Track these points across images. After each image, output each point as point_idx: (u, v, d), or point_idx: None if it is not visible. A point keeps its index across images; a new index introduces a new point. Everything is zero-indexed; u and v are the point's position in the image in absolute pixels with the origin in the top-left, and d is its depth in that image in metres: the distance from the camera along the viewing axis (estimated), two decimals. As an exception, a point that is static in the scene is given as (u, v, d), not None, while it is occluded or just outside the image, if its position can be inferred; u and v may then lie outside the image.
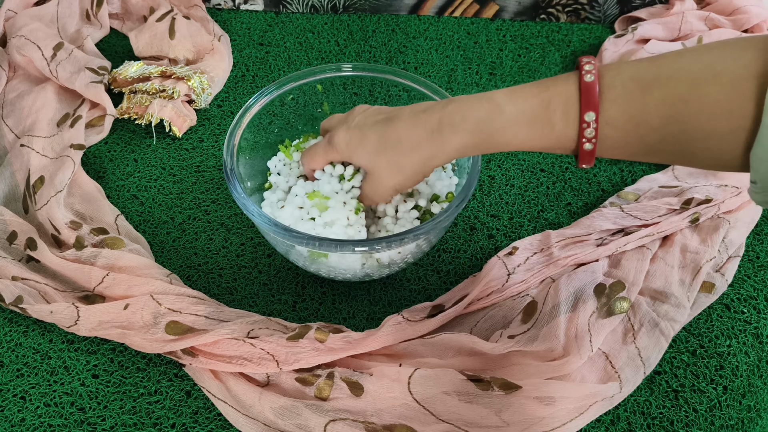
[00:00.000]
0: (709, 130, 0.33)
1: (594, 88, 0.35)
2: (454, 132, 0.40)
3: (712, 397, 0.46)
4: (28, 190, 0.57)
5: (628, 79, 0.35)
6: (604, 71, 0.36)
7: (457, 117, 0.40)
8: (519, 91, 0.39)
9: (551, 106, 0.37)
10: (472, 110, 0.39)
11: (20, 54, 0.68)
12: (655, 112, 0.34)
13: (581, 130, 0.36)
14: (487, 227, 0.58)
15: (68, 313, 0.48)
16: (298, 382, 0.45)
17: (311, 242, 0.43)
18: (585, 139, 0.36)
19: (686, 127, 0.34)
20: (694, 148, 0.34)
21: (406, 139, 0.42)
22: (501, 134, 0.39)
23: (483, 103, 0.39)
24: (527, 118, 0.38)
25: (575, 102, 0.36)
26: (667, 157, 0.37)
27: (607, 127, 0.36)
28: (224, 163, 0.48)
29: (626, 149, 0.37)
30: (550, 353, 0.45)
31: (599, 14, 0.79)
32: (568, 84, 0.37)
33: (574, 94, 0.36)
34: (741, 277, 0.53)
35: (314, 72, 0.54)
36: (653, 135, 0.35)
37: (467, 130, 0.39)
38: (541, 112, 0.37)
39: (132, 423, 0.45)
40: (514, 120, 0.38)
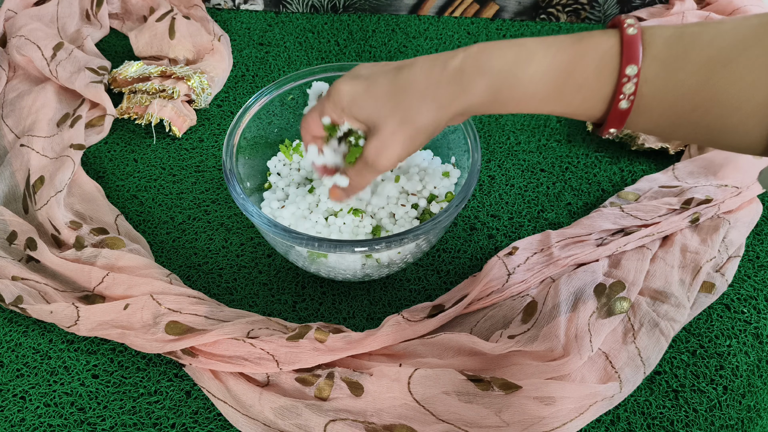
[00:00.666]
0: (744, 99, 0.32)
1: (637, 40, 0.33)
2: (478, 74, 0.36)
3: (712, 397, 0.46)
4: (28, 190, 0.57)
5: (670, 37, 0.33)
6: (645, 28, 0.34)
7: (483, 57, 0.36)
8: (552, 39, 0.35)
9: (587, 58, 0.34)
10: (499, 52, 0.36)
11: (20, 54, 0.68)
12: (696, 73, 0.32)
13: (620, 86, 0.33)
14: (487, 227, 0.58)
15: (68, 313, 0.48)
16: (298, 382, 0.45)
17: (310, 243, 0.43)
18: (623, 95, 0.34)
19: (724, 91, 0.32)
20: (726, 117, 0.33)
21: (421, 81, 0.37)
22: (528, 83, 0.35)
23: (512, 47, 0.36)
24: (560, 68, 0.35)
25: (615, 55, 0.34)
26: (693, 130, 0.35)
27: (646, 84, 0.33)
28: (224, 164, 0.48)
29: (657, 116, 0.35)
30: (550, 353, 0.45)
31: (599, 14, 0.79)
32: (607, 36, 0.34)
33: (614, 47, 0.34)
34: (741, 277, 0.53)
35: (314, 72, 0.54)
36: (690, 99, 0.33)
37: (493, 73, 0.35)
38: (576, 63, 0.34)
39: (132, 423, 0.45)
40: (545, 67, 0.35)
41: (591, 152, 0.64)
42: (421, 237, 0.44)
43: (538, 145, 0.65)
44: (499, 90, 0.36)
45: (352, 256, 0.46)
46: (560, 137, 0.66)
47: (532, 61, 0.35)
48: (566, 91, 0.35)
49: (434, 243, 0.51)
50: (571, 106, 0.36)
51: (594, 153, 0.64)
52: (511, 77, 0.35)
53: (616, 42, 0.34)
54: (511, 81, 0.35)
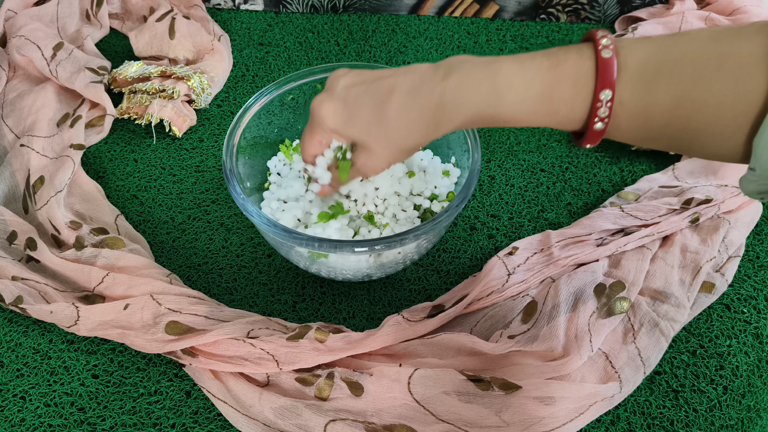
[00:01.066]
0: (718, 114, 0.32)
1: (612, 65, 0.33)
2: (458, 107, 0.37)
3: (712, 397, 0.46)
4: (28, 190, 0.57)
5: (645, 56, 0.34)
6: (619, 47, 0.34)
7: (461, 95, 0.37)
8: (528, 62, 0.36)
9: (564, 82, 0.35)
10: (476, 86, 0.37)
11: (20, 54, 0.67)
12: (669, 92, 0.33)
13: (594, 109, 0.34)
14: (487, 227, 0.58)
15: (68, 313, 0.48)
16: (298, 382, 0.45)
17: (311, 243, 0.43)
18: (597, 118, 0.35)
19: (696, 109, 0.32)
20: (699, 133, 0.33)
21: (404, 117, 0.39)
22: (507, 111, 0.36)
23: (488, 76, 0.36)
24: (536, 95, 0.35)
25: (590, 78, 0.34)
26: (669, 143, 0.36)
27: (619, 106, 0.34)
28: (224, 164, 0.48)
29: (631, 132, 0.36)
30: (550, 353, 0.45)
31: (599, 14, 0.79)
32: (582, 58, 0.35)
33: (589, 71, 0.34)
34: (741, 277, 0.53)
35: (314, 72, 0.54)
36: (664, 115, 0.34)
37: (471, 107, 0.37)
38: (553, 87, 0.35)
39: (132, 423, 0.45)
40: (522, 97, 0.36)
41: (591, 152, 0.64)
42: (422, 237, 0.44)
43: (538, 145, 0.65)
44: (480, 118, 0.38)
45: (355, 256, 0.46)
46: (560, 137, 0.66)
47: (509, 91, 0.36)
48: (543, 113, 0.36)
49: (434, 243, 0.51)
50: (550, 124, 0.37)
51: (594, 153, 0.64)
52: (490, 108, 0.37)
53: (591, 65, 0.34)
54: (491, 112, 0.37)
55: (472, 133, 0.49)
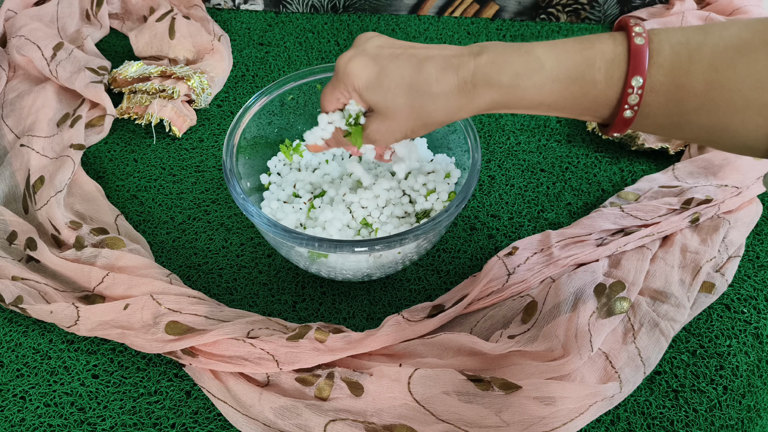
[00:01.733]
0: (750, 100, 0.32)
1: (644, 51, 0.33)
2: (488, 86, 0.37)
3: (712, 397, 0.46)
4: (28, 190, 0.57)
5: (677, 43, 0.33)
6: (652, 35, 0.34)
7: (493, 70, 0.36)
8: (560, 45, 0.36)
9: (596, 64, 0.34)
10: (508, 63, 0.36)
11: (20, 54, 0.68)
12: (701, 77, 0.32)
13: (625, 96, 0.34)
14: (487, 227, 0.58)
15: (68, 313, 0.48)
16: (298, 382, 0.45)
17: (311, 243, 0.43)
18: (627, 105, 0.34)
19: (729, 94, 0.32)
20: (729, 119, 0.33)
21: (436, 85, 0.38)
22: (537, 91, 0.36)
23: (521, 55, 0.36)
24: (568, 76, 0.35)
25: (621, 63, 0.34)
26: (695, 131, 0.35)
27: (651, 93, 0.34)
28: (224, 163, 0.48)
29: (661, 119, 0.35)
30: (550, 353, 0.45)
31: (599, 14, 0.79)
32: (615, 43, 0.34)
33: (621, 55, 0.34)
34: (741, 277, 0.53)
35: (314, 72, 0.54)
36: (693, 101, 0.33)
37: (502, 84, 0.36)
38: (584, 70, 0.35)
39: (132, 423, 0.45)
40: (553, 76, 0.35)
41: (591, 152, 0.64)
42: (422, 237, 0.44)
43: (538, 145, 0.65)
44: (508, 100, 0.37)
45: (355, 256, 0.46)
46: (560, 137, 0.66)
47: (540, 71, 0.36)
48: (572, 97, 0.36)
49: (434, 243, 0.51)
50: (576, 110, 0.37)
51: (594, 153, 0.64)
52: (520, 89, 0.36)
53: (623, 50, 0.34)
54: (519, 93, 0.36)
55: (472, 134, 0.49)
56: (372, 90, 0.40)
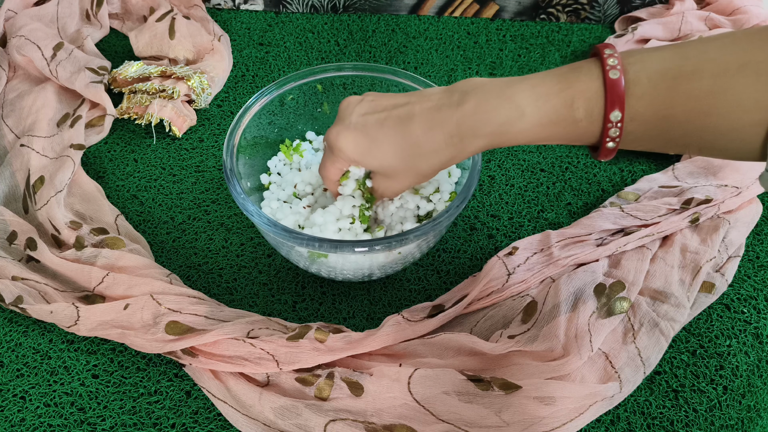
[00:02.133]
0: (735, 122, 0.32)
1: (620, 85, 0.34)
2: (474, 137, 0.39)
3: (712, 397, 0.46)
4: (28, 190, 0.57)
5: (654, 73, 0.34)
6: (628, 65, 0.34)
7: (478, 122, 0.38)
8: (539, 86, 0.37)
9: (574, 105, 0.36)
10: (492, 114, 0.38)
11: (20, 54, 0.68)
12: (682, 106, 0.33)
13: (605, 130, 0.35)
14: (487, 227, 0.58)
15: (68, 313, 0.48)
16: (298, 382, 0.45)
17: (311, 243, 0.43)
18: (609, 138, 0.35)
19: (712, 119, 0.33)
20: (716, 140, 0.34)
21: (424, 145, 0.40)
22: (522, 135, 0.38)
23: (503, 104, 0.37)
24: (549, 119, 0.37)
25: (600, 99, 0.35)
26: (687, 149, 0.36)
27: (632, 123, 0.35)
28: (224, 163, 0.48)
29: (647, 143, 0.36)
30: (550, 353, 0.45)
31: (599, 14, 0.79)
32: (591, 78, 0.35)
33: (598, 91, 0.35)
34: (741, 277, 0.53)
35: (314, 72, 0.54)
36: (677, 129, 0.34)
37: (487, 134, 0.38)
38: (564, 112, 0.36)
39: (132, 423, 0.45)
40: (536, 122, 0.37)
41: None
42: (422, 237, 0.44)
43: (538, 145, 0.65)
44: (497, 143, 0.39)
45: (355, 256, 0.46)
46: (560, 137, 0.66)
47: (522, 118, 0.37)
48: (557, 136, 0.38)
49: (434, 243, 0.51)
50: (565, 142, 0.39)
51: (594, 153, 0.64)
52: (505, 135, 0.38)
53: (599, 85, 0.35)
54: (505, 138, 0.38)
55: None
56: (367, 159, 0.42)
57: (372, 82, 0.55)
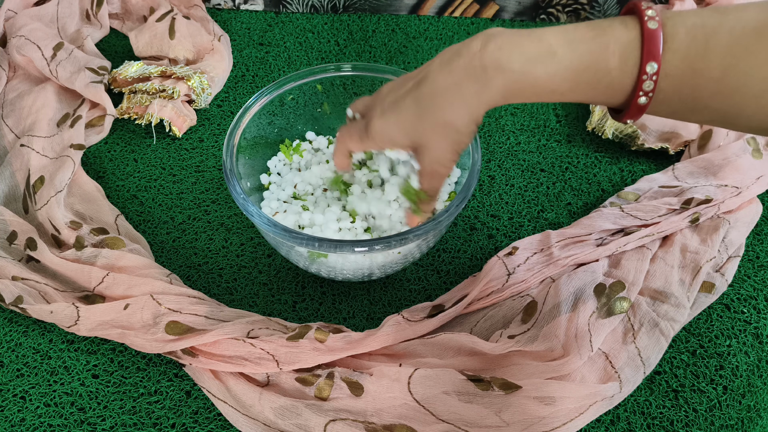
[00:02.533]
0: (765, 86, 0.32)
1: (658, 36, 0.32)
2: (498, 72, 0.35)
3: (712, 397, 0.46)
4: (28, 190, 0.57)
5: (692, 27, 0.32)
6: (666, 18, 0.33)
7: (503, 55, 0.35)
8: (572, 31, 0.35)
9: (609, 51, 0.34)
10: (519, 48, 0.35)
11: (20, 54, 0.68)
12: (718, 62, 0.32)
13: (639, 83, 0.33)
14: (487, 227, 0.58)
15: (68, 313, 0.48)
16: (298, 382, 0.45)
17: (311, 243, 0.43)
18: (642, 92, 0.34)
19: (746, 79, 0.32)
20: (745, 104, 0.33)
21: (444, 90, 0.37)
22: (550, 79, 0.35)
23: (531, 41, 0.35)
24: (581, 63, 0.34)
25: (635, 49, 0.33)
26: (709, 115, 0.34)
27: (666, 79, 0.33)
28: (224, 164, 0.48)
29: (675, 104, 0.34)
30: (550, 353, 0.45)
31: (599, 14, 0.79)
32: (627, 29, 0.33)
33: (634, 41, 0.33)
34: (741, 277, 0.53)
35: (314, 72, 0.54)
36: (710, 87, 0.33)
37: (514, 70, 0.35)
38: (597, 57, 0.34)
39: (132, 423, 0.45)
40: (566, 64, 0.34)
41: (591, 152, 0.64)
42: (422, 237, 0.44)
43: (538, 145, 0.65)
44: (521, 87, 0.36)
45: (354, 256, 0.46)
46: (560, 137, 0.66)
47: (552, 59, 0.34)
48: (586, 85, 0.35)
49: (434, 243, 0.51)
50: (590, 97, 0.36)
51: (594, 153, 0.64)
52: (531, 76, 0.35)
53: (636, 35, 0.33)
54: (531, 80, 0.35)
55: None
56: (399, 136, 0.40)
57: (372, 82, 0.55)
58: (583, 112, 0.68)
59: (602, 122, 0.64)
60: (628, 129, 0.62)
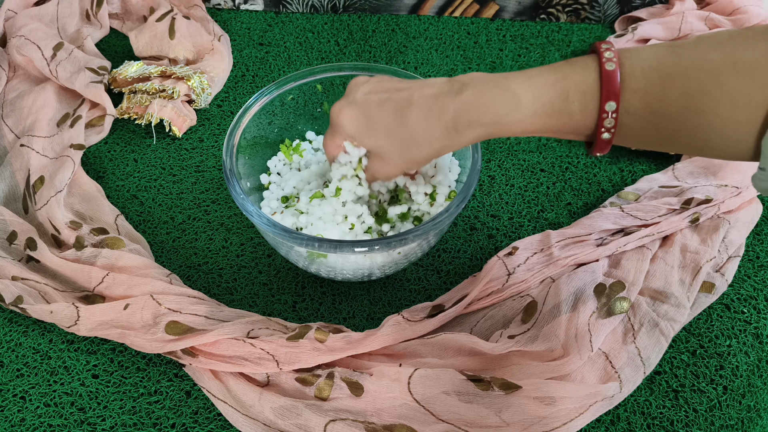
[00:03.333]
0: (727, 120, 0.33)
1: (615, 76, 0.34)
2: (470, 128, 0.39)
3: (712, 397, 0.46)
4: (28, 190, 0.57)
5: (648, 69, 0.34)
6: (624, 59, 0.35)
7: (474, 113, 0.39)
8: (536, 77, 0.37)
9: (570, 96, 0.36)
10: (488, 104, 0.38)
11: (20, 54, 0.68)
12: (675, 103, 0.34)
13: (600, 120, 0.36)
14: (487, 227, 0.58)
15: (68, 313, 0.48)
16: (298, 382, 0.45)
17: (310, 243, 0.43)
18: (604, 128, 0.36)
19: (705, 118, 0.33)
20: (709, 137, 0.34)
21: (419, 134, 0.40)
22: (518, 125, 0.38)
23: (499, 95, 0.38)
24: (545, 110, 0.37)
25: (595, 91, 0.35)
26: (679, 147, 0.36)
27: (627, 115, 0.35)
28: (224, 164, 0.48)
29: (640, 139, 0.37)
30: (550, 353, 0.45)
31: (599, 14, 0.79)
32: (587, 71, 0.36)
33: (594, 83, 0.35)
34: (741, 277, 0.53)
35: (314, 72, 0.54)
36: (670, 125, 0.34)
37: (484, 124, 0.39)
38: (560, 102, 0.36)
39: (132, 423, 0.45)
40: (531, 112, 0.37)
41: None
42: (422, 237, 0.44)
43: (538, 145, 0.65)
44: (491, 133, 0.40)
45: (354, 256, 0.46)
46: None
47: (518, 109, 0.37)
48: (552, 127, 0.38)
49: (434, 243, 0.51)
50: (559, 135, 0.39)
51: (594, 153, 0.64)
52: (501, 125, 0.39)
53: (595, 78, 0.35)
54: (501, 128, 0.39)
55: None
56: (363, 137, 0.43)
57: (372, 82, 0.55)
58: (583, 112, 0.68)
59: (602, 122, 0.64)
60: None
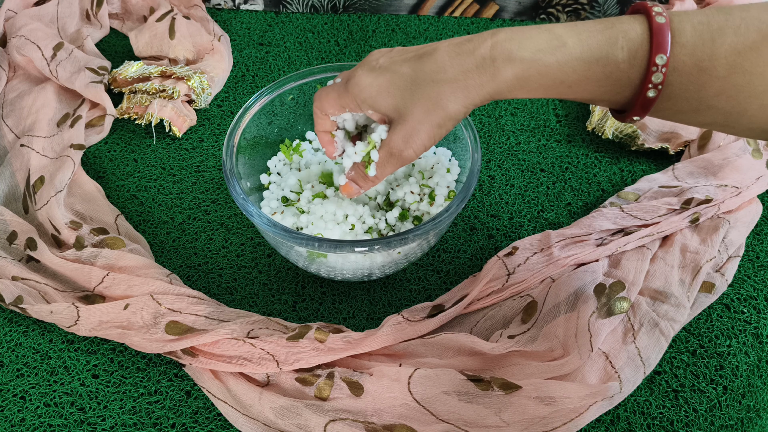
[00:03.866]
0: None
1: (666, 29, 0.33)
2: (508, 62, 0.35)
3: (712, 397, 0.46)
4: (28, 190, 0.57)
5: (698, 24, 0.33)
6: (672, 15, 0.34)
7: (513, 45, 0.35)
8: (581, 25, 0.35)
9: (619, 43, 0.34)
10: (529, 39, 0.35)
11: (20, 54, 0.68)
12: (724, 59, 0.32)
13: (648, 74, 0.33)
14: (487, 227, 0.58)
15: (68, 313, 0.48)
16: (298, 382, 0.45)
17: (310, 243, 0.43)
18: (651, 84, 0.34)
19: (751, 78, 0.32)
20: (749, 103, 0.33)
21: (449, 69, 0.36)
22: (559, 68, 0.35)
23: (541, 33, 0.35)
24: (591, 54, 0.34)
25: (644, 43, 0.33)
26: (715, 115, 0.35)
27: (674, 73, 0.33)
28: (224, 164, 0.48)
29: (681, 102, 0.35)
30: (550, 353, 0.45)
31: (599, 14, 0.79)
32: (635, 24, 0.34)
33: (643, 35, 0.33)
34: (741, 277, 0.53)
35: (314, 72, 0.54)
36: (715, 85, 0.33)
37: (523, 60, 0.35)
38: (608, 47, 0.34)
39: (132, 423, 0.45)
40: (576, 54, 0.34)
41: (591, 152, 0.64)
42: (422, 237, 0.44)
43: (538, 145, 0.65)
44: (529, 77, 0.36)
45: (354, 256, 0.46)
46: (560, 137, 0.66)
47: (562, 48, 0.35)
48: (594, 77, 0.35)
49: (434, 243, 0.51)
50: (597, 92, 0.36)
51: (594, 153, 0.64)
52: (541, 65, 0.35)
53: (644, 30, 0.34)
54: (541, 69, 0.35)
55: (472, 133, 0.49)
56: (383, 96, 0.38)
57: (372, 82, 0.55)
58: (583, 112, 0.68)
59: (602, 122, 0.64)
60: (628, 129, 0.62)
